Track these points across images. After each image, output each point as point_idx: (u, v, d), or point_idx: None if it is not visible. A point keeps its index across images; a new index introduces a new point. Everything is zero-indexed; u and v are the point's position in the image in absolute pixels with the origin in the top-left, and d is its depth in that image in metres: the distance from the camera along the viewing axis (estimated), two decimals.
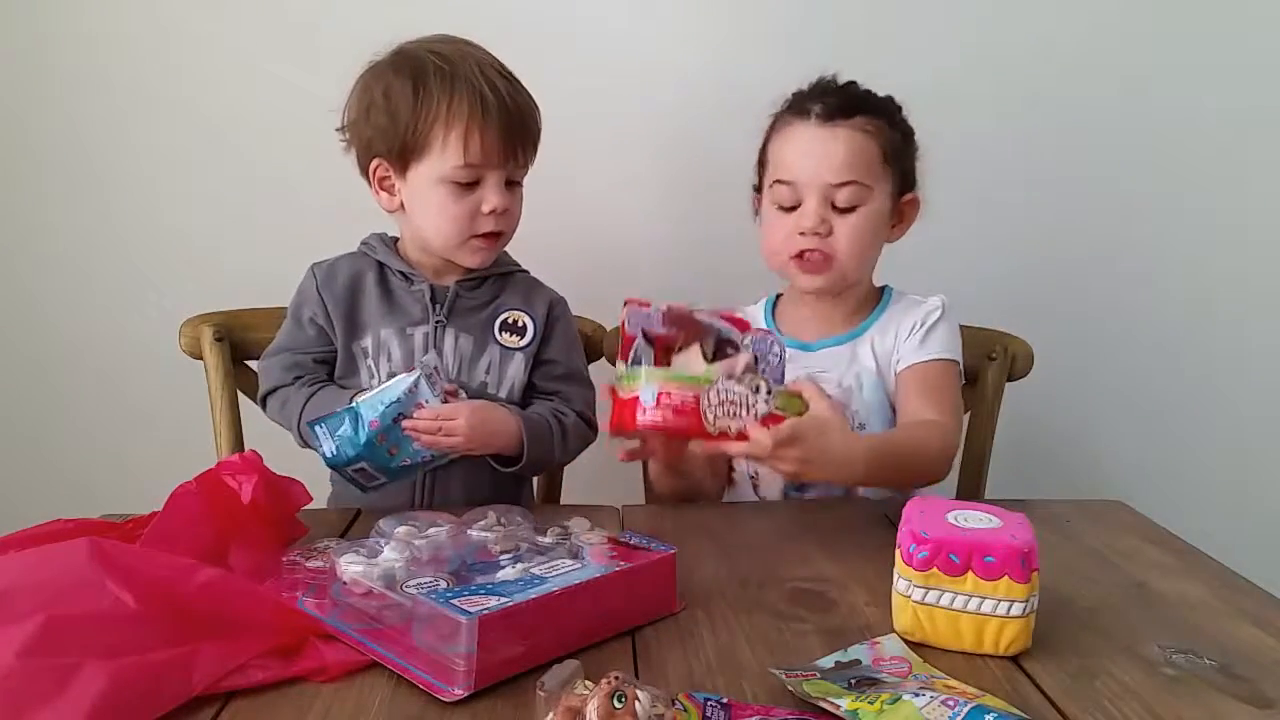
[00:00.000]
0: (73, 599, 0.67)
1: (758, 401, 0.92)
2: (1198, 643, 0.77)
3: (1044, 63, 1.57)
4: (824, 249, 1.15)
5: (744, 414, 0.91)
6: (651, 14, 1.54)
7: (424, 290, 1.16)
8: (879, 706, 0.62)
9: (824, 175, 1.14)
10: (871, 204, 1.16)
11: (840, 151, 1.14)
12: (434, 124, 1.08)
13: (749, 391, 0.92)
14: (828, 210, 1.15)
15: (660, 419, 0.90)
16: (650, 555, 0.81)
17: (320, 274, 1.18)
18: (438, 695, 0.67)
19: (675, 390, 0.90)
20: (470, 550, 0.83)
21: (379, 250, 1.18)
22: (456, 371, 1.15)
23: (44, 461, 1.59)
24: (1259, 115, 1.60)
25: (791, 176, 1.16)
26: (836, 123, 1.15)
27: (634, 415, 0.91)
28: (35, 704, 0.60)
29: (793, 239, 1.16)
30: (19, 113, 1.51)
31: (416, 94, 1.09)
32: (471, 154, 1.08)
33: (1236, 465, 1.67)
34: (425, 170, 1.11)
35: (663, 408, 0.90)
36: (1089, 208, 1.62)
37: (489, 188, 1.11)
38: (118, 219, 1.55)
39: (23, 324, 1.57)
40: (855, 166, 1.14)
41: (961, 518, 0.77)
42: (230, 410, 1.27)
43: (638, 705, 0.56)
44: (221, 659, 0.68)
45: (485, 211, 1.11)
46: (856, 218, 1.15)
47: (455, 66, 1.09)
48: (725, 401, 0.91)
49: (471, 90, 1.08)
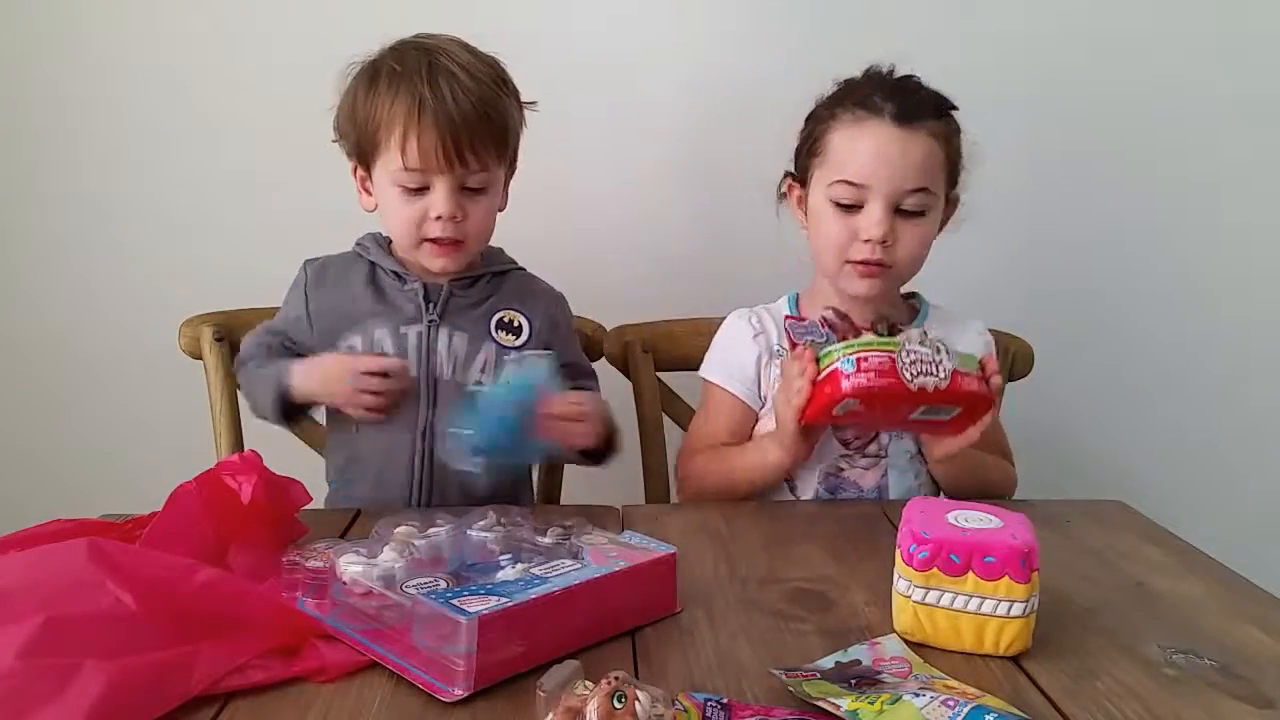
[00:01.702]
0: (72, 599, 0.67)
1: (943, 359, 0.97)
2: (1198, 643, 0.77)
3: (1045, 63, 1.56)
4: (886, 258, 1.11)
5: (937, 370, 0.96)
6: (654, 12, 1.53)
7: (417, 289, 1.15)
8: (879, 707, 0.62)
9: (898, 181, 1.09)
10: (935, 211, 1.13)
11: (916, 157, 1.09)
12: (379, 126, 1.08)
13: (932, 352, 0.97)
14: (893, 216, 1.11)
15: (866, 381, 0.95)
16: (650, 555, 0.81)
17: (311, 271, 1.19)
18: (437, 695, 0.67)
19: (871, 354, 0.96)
20: (470, 550, 0.83)
21: (372, 250, 1.18)
22: (451, 371, 1.14)
23: (43, 462, 1.59)
24: (1261, 114, 1.59)
25: (861, 178, 1.10)
26: (913, 125, 1.10)
27: (838, 386, 0.96)
28: (35, 704, 0.60)
29: (853, 244, 1.12)
30: (18, 113, 1.51)
31: (368, 95, 1.10)
32: (409, 158, 1.07)
33: (1236, 465, 1.67)
34: (380, 172, 1.11)
35: (864, 371, 0.95)
36: (1089, 208, 1.62)
37: (437, 193, 1.09)
38: (117, 219, 1.54)
39: (22, 324, 1.56)
40: (928, 173, 1.10)
41: (962, 518, 0.77)
42: (230, 410, 1.26)
43: (638, 705, 0.56)
44: (221, 659, 0.68)
45: (433, 217, 1.10)
46: (921, 224, 1.12)
47: (407, 67, 1.08)
48: (918, 360, 0.96)
49: (411, 92, 1.06)
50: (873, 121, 1.11)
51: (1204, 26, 1.57)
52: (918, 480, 1.18)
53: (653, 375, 1.33)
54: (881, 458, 1.17)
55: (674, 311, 1.32)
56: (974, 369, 1.00)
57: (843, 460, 1.17)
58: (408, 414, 1.12)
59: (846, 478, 1.17)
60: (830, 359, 0.99)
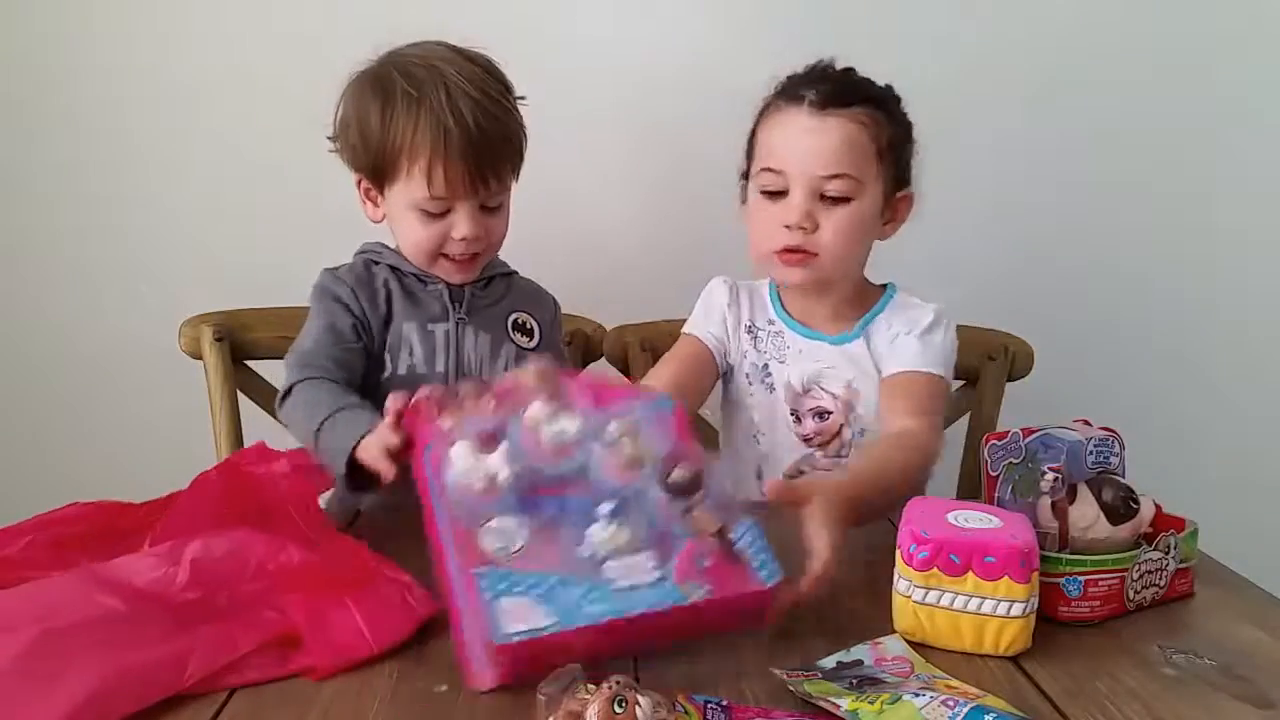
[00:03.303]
0: (66, 613, 0.69)
1: (1169, 562, 0.85)
2: (1198, 643, 0.77)
3: (1045, 62, 1.56)
4: (807, 246, 1.10)
5: (1160, 580, 0.84)
6: (647, 13, 1.53)
7: (441, 289, 1.15)
8: (879, 707, 0.63)
9: (813, 166, 1.08)
10: (862, 199, 1.10)
11: (832, 142, 1.08)
12: (400, 153, 1.07)
13: (1163, 554, 0.84)
14: (815, 203, 1.09)
15: (1089, 611, 0.81)
16: (744, 583, 0.72)
17: (347, 275, 1.14)
18: (466, 676, 0.67)
19: (1102, 578, 0.81)
20: (587, 468, 0.75)
21: (386, 254, 1.17)
22: (478, 369, 1.15)
23: (43, 462, 1.58)
24: (1261, 115, 1.59)
25: (779, 165, 1.10)
26: (830, 112, 1.08)
27: (1055, 605, 0.79)
28: (29, 693, 0.61)
29: (777, 232, 1.10)
30: (18, 113, 1.51)
31: (384, 119, 1.08)
32: (436, 187, 1.07)
33: (1236, 465, 1.67)
34: (397, 194, 1.10)
35: (1090, 598, 0.81)
36: (1090, 208, 1.62)
37: (460, 215, 1.10)
38: (117, 219, 1.54)
39: (22, 323, 1.56)
40: (846, 159, 1.08)
41: (962, 518, 0.77)
42: (230, 410, 1.26)
43: (638, 710, 0.56)
44: (215, 654, 0.69)
45: (456, 238, 1.10)
46: (844, 212, 1.09)
47: (423, 90, 1.06)
48: (1145, 573, 0.83)
49: (435, 121, 1.05)
50: (791, 109, 1.11)
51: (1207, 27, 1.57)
52: None
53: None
54: (843, 457, 1.16)
55: (674, 311, 1.32)
56: (1188, 553, 0.87)
57: (803, 463, 1.17)
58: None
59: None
60: (1058, 567, 0.80)
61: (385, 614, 0.75)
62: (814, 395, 1.16)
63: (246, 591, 0.76)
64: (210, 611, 0.73)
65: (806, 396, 1.16)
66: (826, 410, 1.16)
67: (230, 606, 0.74)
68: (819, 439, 1.17)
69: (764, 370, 1.19)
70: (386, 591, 0.78)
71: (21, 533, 0.80)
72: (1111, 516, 0.84)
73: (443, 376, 1.13)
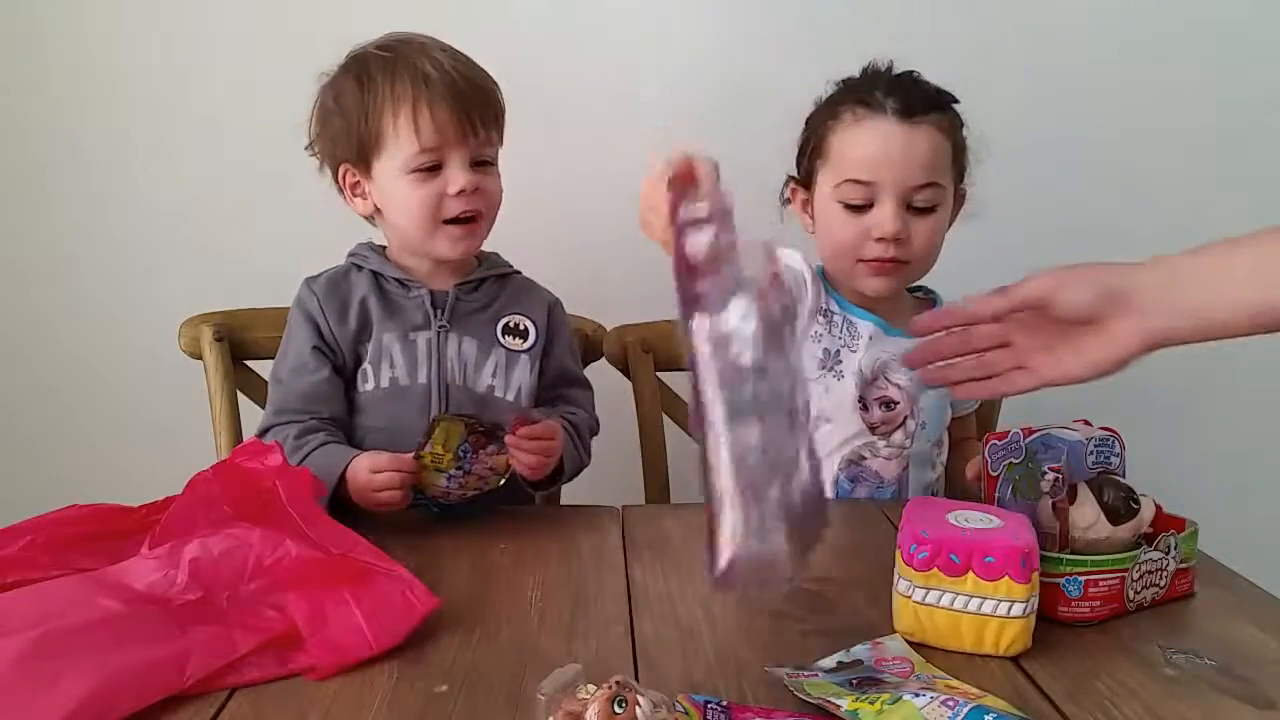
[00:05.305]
0: (66, 615, 0.69)
1: (1169, 562, 0.84)
2: (1198, 643, 0.77)
3: (1049, 62, 1.56)
4: (900, 255, 1.11)
5: (1160, 580, 0.84)
6: (656, 11, 1.53)
7: (423, 296, 1.14)
8: (879, 707, 0.63)
9: (905, 177, 1.09)
10: (944, 204, 1.13)
11: (922, 153, 1.09)
12: (383, 112, 1.07)
13: (1163, 554, 0.83)
14: (905, 212, 1.10)
15: (1089, 611, 0.80)
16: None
17: (319, 289, 1.14)
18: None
19: (1102, 578, 0.80)
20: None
21: (371, 259, 1.16)
22: (462, 377, 1.13)
23: (42, 462, 1.58)
24: (1266, 114, 1.59)
25: (869, 176, 1.10)
26: (917, 120, 1.09)
27: (1055, 605, 0.79)
28: (29, 694, 0.62)
29: (866, 244, 1.11)
30: (17, 113, 1.51)
31: (361, 86, 1.08)
32: (425, 135, 1.06)
33: (1236, 465, 1.67)
34: (387, 164, 1.09)
35: (1090, 599, 0.80)
36: (1091, 208, 1.61)
37: (453, 168, 1.08)
38: (117, 219, 1.54)
39: (21, 323, 1.56)
40: (935, 167, 1.10)
41: (962, 518, 0.77)
42: (230, 410, 1.26)
43: (638, 710, 0.56)
44: (215, 653, 0.69)
45: (453, 193, 1.08)
46: (933, 219, 1.11)
47: (396, 52, 1.08)
48: (1145, 573, 0.83)
49: (413, 70, 1.06)
50: (875, 119, 1.11)
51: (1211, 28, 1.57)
52: (935, 474, 1.18)
53: (652, 375, 1.33)
54: (905, 449, 1.17)
55: (674, 311, 1.32)
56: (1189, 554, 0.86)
57: (865, 449, 1.17)
58: (418, 423, 1.10)
59: (868, 467, 1.17)
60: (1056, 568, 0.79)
61: (385, 613, 0.75)
62: (879, 385, 1.17)
63: (246, 591, 0.76)
64: (210, 612, 0.74)
65: (873, 386, 1.17)
66: (893, 400, 1.17)
67: (230, 606, 0.75)
68: (884, 428, 1.17)
69: (835, 356, 1.17)
70: (386, 589, 0.78)
71: (20, 533, 0.80)
72: (1112, 517, 0.84)
73: (425, 386, 1.11)
